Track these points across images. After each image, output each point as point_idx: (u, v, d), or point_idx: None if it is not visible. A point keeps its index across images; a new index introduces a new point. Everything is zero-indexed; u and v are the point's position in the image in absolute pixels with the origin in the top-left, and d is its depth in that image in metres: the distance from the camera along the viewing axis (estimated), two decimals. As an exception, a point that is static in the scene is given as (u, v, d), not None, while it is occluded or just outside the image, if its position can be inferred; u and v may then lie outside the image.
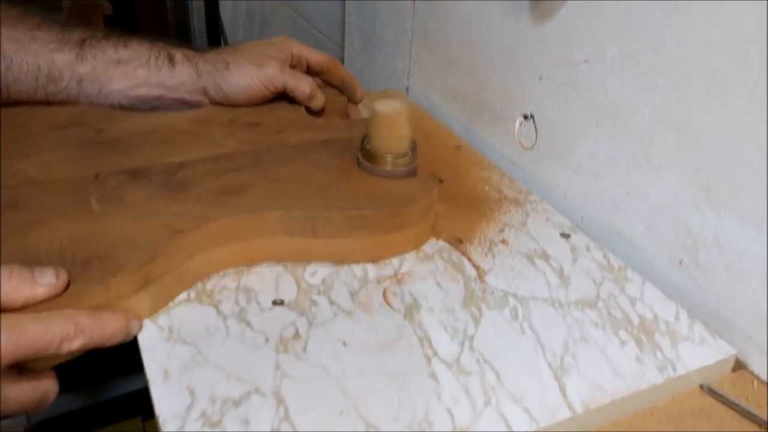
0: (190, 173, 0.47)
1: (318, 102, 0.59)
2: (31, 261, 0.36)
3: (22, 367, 0.33)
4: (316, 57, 0.61)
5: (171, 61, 0.55)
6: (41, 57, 0.52)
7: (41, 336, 0.32)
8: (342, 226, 0.44)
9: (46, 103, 0.54)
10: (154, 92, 0.55)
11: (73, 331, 0.33)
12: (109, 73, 0.53)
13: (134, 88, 0.54)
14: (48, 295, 0.35)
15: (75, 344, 0.34)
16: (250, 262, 0.45)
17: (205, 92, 0.56)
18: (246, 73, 0.56)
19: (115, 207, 0.43)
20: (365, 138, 0.49)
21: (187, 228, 0.41)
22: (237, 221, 0.43)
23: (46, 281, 0.35)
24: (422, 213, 0.47)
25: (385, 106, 0.47)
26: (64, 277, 0.35)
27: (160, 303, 0.40)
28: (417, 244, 0.48)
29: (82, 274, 0.37)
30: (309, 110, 0.59)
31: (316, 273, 0.44)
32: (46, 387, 0.34)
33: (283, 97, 0.59)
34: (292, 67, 0.59)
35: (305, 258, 0.45)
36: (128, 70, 0.54)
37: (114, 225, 0.41)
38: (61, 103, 0.54)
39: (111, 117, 0.55)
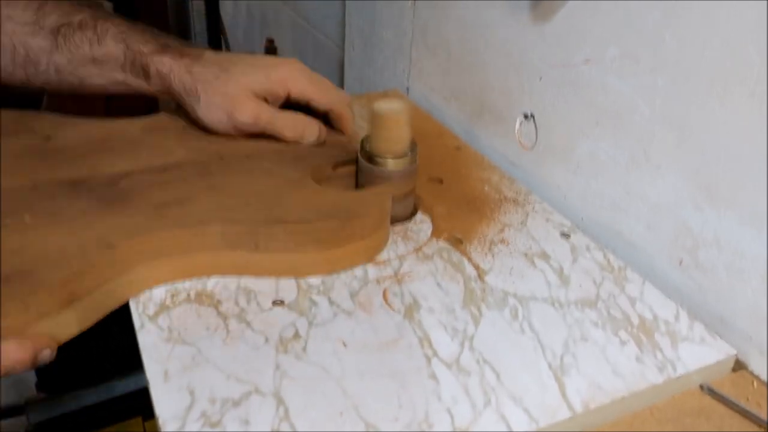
0: (133, 184, 0.45)
1: (309, 139, 0.54)
2: None
3: None
4: (321, 100, 0.54)
5: (146, 75, 0.52)
6: (16, 38, 0.50)
7: None
8: (285, 241, 0.42)
9: (28, 83, 0.52)
10: (133, 90, 0.53)
11: None
12: (86, 70, 0.52)
13: (114, 84, 0.53)
14: None
15: None
16: (192, 276, 0.43)
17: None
18: (215, 115, 0.52)
19: (49, 220, 0.41)
20: (365, 138, 0.49)
21: (119, 242, 0.39)
22: (174, 235, 0.41)
23: None
24: (373, 226, 0.45)
25: (385, 106, 0.47)
26: None
27: (91, 319, 0.38)
28: (370, 256, 0.46)
29: (1, 291, 0.35)
30: None
31: (316, 273, 0.44)
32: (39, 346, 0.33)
33: None
34: (287, 103, 0.54)
35: (251, 273, 0.43)
36: (105, 71, 0.52)
37: (43, 239, 0.39)
38: (43, 84, 0.52)
39: (61, 124, 0.53)
